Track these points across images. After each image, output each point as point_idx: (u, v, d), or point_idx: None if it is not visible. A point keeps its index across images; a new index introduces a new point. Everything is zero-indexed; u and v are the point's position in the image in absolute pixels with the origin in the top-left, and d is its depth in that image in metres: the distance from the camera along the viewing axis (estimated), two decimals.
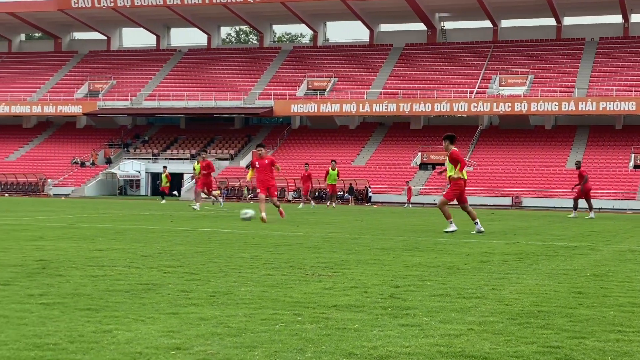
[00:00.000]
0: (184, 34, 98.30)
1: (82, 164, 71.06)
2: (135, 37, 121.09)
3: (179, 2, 74.04)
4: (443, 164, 65.31)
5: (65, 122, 79.88)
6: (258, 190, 21.48)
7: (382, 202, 58.75)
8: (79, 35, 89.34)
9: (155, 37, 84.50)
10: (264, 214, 19.83)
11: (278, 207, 21.40)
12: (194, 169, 34.18)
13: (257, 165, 21.41)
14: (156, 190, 66.53)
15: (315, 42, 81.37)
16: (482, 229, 16.30)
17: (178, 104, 73.56)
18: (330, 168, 40.13)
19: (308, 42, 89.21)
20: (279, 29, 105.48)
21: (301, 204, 40.38)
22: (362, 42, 79.96)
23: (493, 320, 5.47)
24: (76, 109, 75.32)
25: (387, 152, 68.36)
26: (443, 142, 16.74)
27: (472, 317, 5.57)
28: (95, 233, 13.72)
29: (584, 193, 30.92)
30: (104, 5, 75.94)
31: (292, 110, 70.68)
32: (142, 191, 70.81)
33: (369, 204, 59.18)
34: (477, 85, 69.26)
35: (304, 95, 72.56)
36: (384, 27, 79.98)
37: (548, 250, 11.87)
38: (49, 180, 68.33)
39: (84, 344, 4.44)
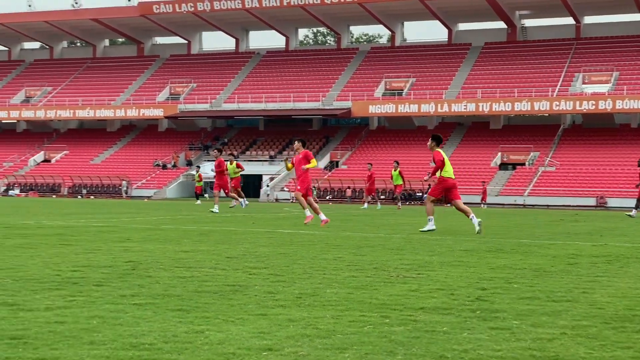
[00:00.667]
0: (262, 37, 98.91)
1: (164, 166, 72.28)
2: (215, 41, 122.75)
3: (257, 5, 74.71)
4: (524, 164, 64.43)
5: (147, 125, 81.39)
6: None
7: (472, 204, 58.29)
8: (160, 40, 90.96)
9: (234, 40, 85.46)
10: (306, 211, 19.22)
11: (304, 209, 19.55)
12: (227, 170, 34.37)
13: (294, 161, 20.34)
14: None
15: (393, 43, 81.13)
16: (477, 221, 15.95)
17: (257, 106, 74.22)
18: (392, 169, 40.05)
19: (386, 43, 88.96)
20: (357, 30, 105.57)
21: (365, 204, 40.38)
22: (440, 41, 79.43)
23: (586, 324, 5.37)
24: (158, 112, 76.68)
25: (466, 152, 67.72)
26: (429, 141, 17.47)
27: (564, 321, 5.48)
28: (180, 235, 13.94)
29: None
30: (184, 10, 77.13)
31: (370, 111, 70.62)
32: (222, 192, 71.55)
33: (448, 204, 58.69)
34: (559, 83, 68.09)
35: (382, 95, 72.43)
36: (463, 26, 79.27)
37: (638, 253, 11.60)
38: (123, 182, 69.67)
39: (178, 344, 4.52)
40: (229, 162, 33.09)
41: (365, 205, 39.89)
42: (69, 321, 5.11)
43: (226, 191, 30.22)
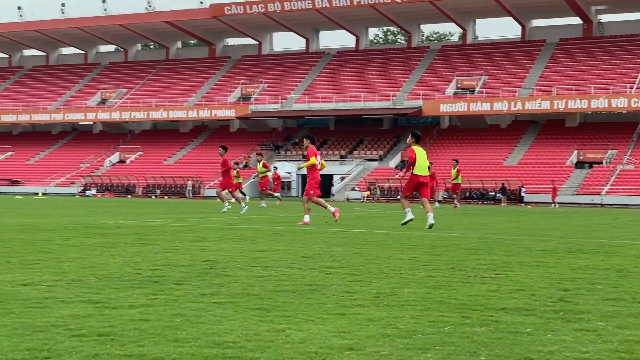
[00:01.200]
0: (332, 36, 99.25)
1: (236, 166, 72.88)
2: (285, 41, 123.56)
3: (328, 5, 74.87)
4: (601, 162, 63.19)
5: (219, 125, 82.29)
6: None
7: (535, 202, 57.42)
8: (231, 41, 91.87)
9: (304, 40, 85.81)
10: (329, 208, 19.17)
11: (306, 209, 18.94)
12: (257, 170, 34.36)
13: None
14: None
15: (464, 40, 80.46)
16: (431, 222, 16.76)
17: (327, 106, 74.37)
18: (452, 167, 39.60)
19: (457, 41, 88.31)
20: (427, 28, 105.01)
21: (436, 203, 40.12)
22: (513, 38, 78.49)
23: None
24: (229, 113, 77.46)
25: (540, 151, 66.75)
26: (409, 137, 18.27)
27: None
28: (255, 234, 14.05)
29: None
30: (255, 11, 77.77)
31: (441, 110, 70.16)
32: (294, 192, 71.98)
33: (522, 204, 57.97)
34: (637, 79, 66.58)
35: (453, 94, 71.88)
36: (536, 23, 78.17)
37: None
38: (188, 182, 70.46)
39: (260, 343, 4.55)
40: (259, 163, 33.22)
41: (437, 204, 39.57)
42: (153, 319, 5.19)
43: (231, 190, 28.49)
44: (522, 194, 60.04)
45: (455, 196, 40.50)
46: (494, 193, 61.47)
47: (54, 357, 4.11)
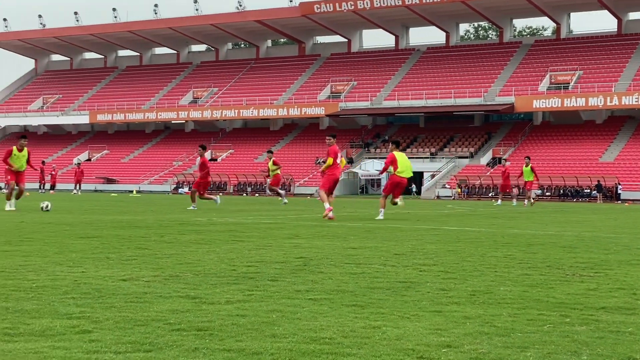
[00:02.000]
0: (422, 33, 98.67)
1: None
2: (375, 38, 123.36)
3: (418, 2, 74.43)
4: None
5: (309, 123, 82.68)
6: None
7: (633, 200, 55.94)
8: (321, 39, 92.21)
9: (394, 37, 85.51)
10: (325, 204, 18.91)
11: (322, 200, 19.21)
12: (268, 169, 33.88)
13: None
14: None
15: (558, 35, 78.89)
16: (381, 217, 18.95)
17: (417, 103, 73.95)
18: (524, 165, 38.65)
19: (550, 35, 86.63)
20: (519, 23, 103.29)
21: (499, 200, 39.49)
22: (609, 32, 76.58)
23: None
24: (319, 111, 77.77)
25: (638, 147, 64.94)
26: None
27: None
28: (346, 231, 14.08)
29: None
30: (344, 9, 77.86)
31: (533, 106, 68.93)
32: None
33: (619, 201, 56.55)
34: None
35: (547, 90, 70.53)
36: (633, 15, 76.05)
37: None
38: (261, 180, 70.94)
39: (356, 339, 4.56)
40: (268, 159, 32.38)
41: (499, 201, 39.03)
42: (250, 314, 5.26)
43: (201, 193, 26.48)
44: (619, 192, 58.54)
45: (529, 194, 39.46)
46: (589, 190, 60.12)
47: (156, 350, 4.21)
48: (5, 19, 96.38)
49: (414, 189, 67.65)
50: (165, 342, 4.39)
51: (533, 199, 39.64)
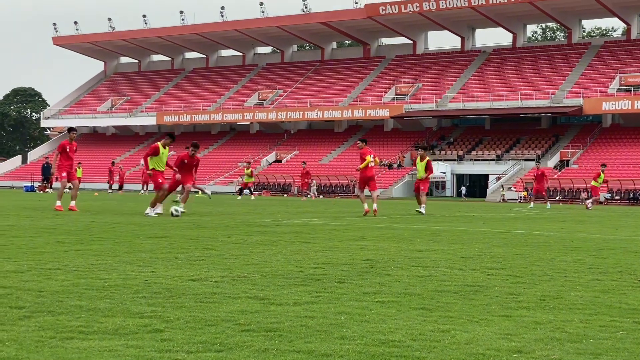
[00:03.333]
0: (488, 34, 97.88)
1: (390, 166, 73.03)
2: (440, 40, 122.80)
3: (484, 3, 73.79)
4: None
5: (374, 125, 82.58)
6: None
7: None
8: (386, 41, 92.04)
9: (459, 38, 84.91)
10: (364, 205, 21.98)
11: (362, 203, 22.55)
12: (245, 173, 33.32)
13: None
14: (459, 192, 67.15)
15: (628, 36, 77.42)
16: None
17: (483, 105, 73.29)
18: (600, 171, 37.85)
19: (620, 36, 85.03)
20: (588, 24, 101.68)
21: (531, 203, 38.91)
22: None
23: None
24: (384, 113, 77.62)
25: None
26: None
27: None
28: (412, 234, 14.03)
29: None
30: (410, 10, 77.60)
31: (603, 108, 67.77)
32: (448, 192, 71.37)
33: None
34: None
35: (616, 91, 69.24)
36: None
37: None
38: (313, 180, 70.86)
39: (425, 343, 4.54)
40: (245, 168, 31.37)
41: (532, 204, 38.52)
42: (318, 316, 5.27)
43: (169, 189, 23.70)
44: None
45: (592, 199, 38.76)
46: None
47: (226, 351, 4.25)
48: (75, 22, 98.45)
49: (464, 192, 67.15)
50: (235, 342, 4.43)
51: (534, 202, 39.52)
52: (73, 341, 4.37)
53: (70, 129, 22.01)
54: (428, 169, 25.37)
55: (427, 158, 26.04)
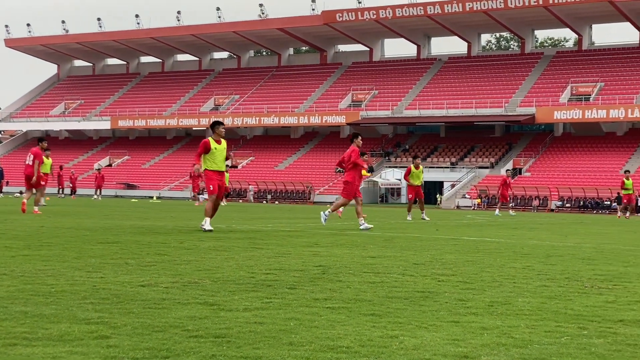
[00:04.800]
0: (443, 43, 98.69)
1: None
2: (396, 48, 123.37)
3: (440, 12, 74.42)
4: None
5: (330, 131, 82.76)
6: None
7: None
8: (342, 48, 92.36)
9: (415, 46, 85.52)
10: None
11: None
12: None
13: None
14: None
15: (579, 46, 78.62)
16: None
17: (438, 113, 73.88)
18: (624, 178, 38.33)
19: (572, 46, 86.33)
20: (541, 34, 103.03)
21: (497, 210, 39.36)
22: (631, 44, 76.27)
23: None
24: (340, 119, 77.84)
25: None
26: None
27: None
28: (366, 240, 14.07)
29: None
30: (366, 18, 77.99)
31: (554, 117, 68.72)
32: (403, 199, 71.69)
33: (639, 214, 56.14)
34: None
35: (568, 101, 70.27)
36: None
37: None
38: (250, 186, 70.98)
39: (374, 348, 4.56)
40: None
41: (497, 211, 38.91)
42: (267, 322, 5.27)
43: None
44: None
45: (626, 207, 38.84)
46: (609, 202, 59.76)
47: (173, 357, 4.23)
48: (28, 24, 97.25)
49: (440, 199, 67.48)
50: (183, 348, 4.41)
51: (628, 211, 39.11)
52: (16, 347, 4.32)
53: (41, 139, 22.12)
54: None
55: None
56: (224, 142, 16.30)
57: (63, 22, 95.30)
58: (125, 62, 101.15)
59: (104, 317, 5.28)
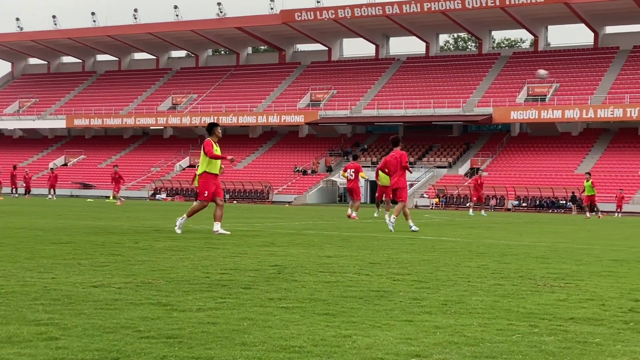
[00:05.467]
0: (402, 43, 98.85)
1: (304, 172, 73.22)
2: (355, 47, 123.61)
3: (398, 12, 74.72)
4: None
5: (289, 131, 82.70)
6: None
7: (607, 212, 56.26)
8: (301, 47, 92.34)
9: (374, 46, 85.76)
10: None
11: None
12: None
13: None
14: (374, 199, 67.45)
15: (536, 47, 79.48)
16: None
17: (396, 112, 74.18)
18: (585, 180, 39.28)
19: (528, 47, 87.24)
20: (498, 35, 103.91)
21: (470, 210, 39.96)
22: (585, 45, 77.23)
23: None
24: (299, 119, 77.79)
25: (612, 160, 65.48)
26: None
27: None
28: (323, 240, 14.08)
29: None
30: (325, 17, 78.02)
31: (511, 117, 69.36)
32: (363, 199, 71.80)
33: (593, 213, 56.88)
34: None
35: (524, 101, 70.99)
36: (610, 29, 76.77)
37: None
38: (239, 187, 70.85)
39: (326, 348, 4.56)
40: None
41: (471, 211, 39.36)
42: (221, 322, 5.24)
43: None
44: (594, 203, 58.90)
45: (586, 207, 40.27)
46: (564, 202, 60.49)
47: (123, 358, 4.19)
48: None
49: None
50: (134, 349, 4.37)
51: (600, 212, 40.30)
52: None
53: None
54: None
55: None
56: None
57: (17, 19, 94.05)
58: (81, 61, 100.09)
59: (54, 318, 5.21)
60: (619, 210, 52.17)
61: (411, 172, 20.88)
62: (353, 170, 27.50)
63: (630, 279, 8.59)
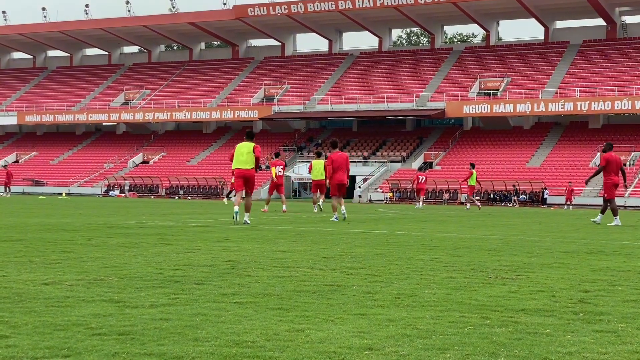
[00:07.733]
0: (355, 38, 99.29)
1: (259, 168, 72.97)
2: (309, 42, 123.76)
3: (351, 7, 74.88)
4: (625, 164, 62.60)
5: (242, 126, 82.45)
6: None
7: (558, 204, 57.09)
8: (255, 42, 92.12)
9: (327, 41, 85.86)
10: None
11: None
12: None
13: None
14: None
15: (487, 42, 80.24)
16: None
17: (350, 107, 74.38)
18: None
19: (480, 42, 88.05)
20: (450, 30, 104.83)
21: (417, 204, 41.59)
22: (536, 40, 78.18)
23: None
24: (252, 114, 77.64)
25: (563, 153, 66.42)
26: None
27: None
28: (277, 235, 14.08)
29: None
30: (278, 12, 77.91)
31: (464, 112, 69.96)
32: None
33: (545, 206, 57.65)
34: None
35: (476, 95, 71.66)
36: (560, 24, 77.81)
37: None
38: (194, 183, 70.60)
39: (279, 342, 4.56)
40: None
41: (418, 205, 40.94)
42: (173, 318, 5.22)
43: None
44: (545, 196, 59.73)
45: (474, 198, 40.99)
46: (513, 195, 61.20)
47: (74, 356, 4.15)
48: None
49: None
50: (85, 346, 4.33)
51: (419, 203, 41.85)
52: None
53: None
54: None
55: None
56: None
57: None
58: (31, 56, 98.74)
59: (4, 316, 5.14)
60: (568, 202, 52.88)
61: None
62: (281, 167, 29.42)
63: (581, 270, 8.71)
